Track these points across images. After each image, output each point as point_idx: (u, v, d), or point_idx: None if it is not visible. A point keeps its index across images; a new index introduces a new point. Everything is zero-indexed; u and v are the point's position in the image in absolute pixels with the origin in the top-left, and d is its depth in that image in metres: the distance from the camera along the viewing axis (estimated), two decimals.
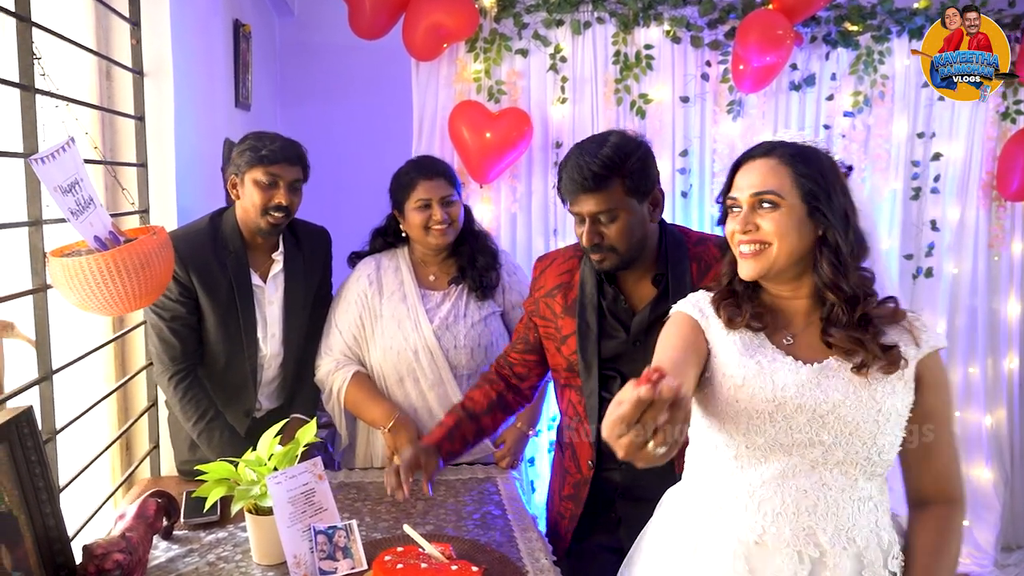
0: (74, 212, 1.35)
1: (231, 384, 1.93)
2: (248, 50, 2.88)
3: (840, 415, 1.16)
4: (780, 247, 1.19)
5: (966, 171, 3.01)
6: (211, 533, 1.62)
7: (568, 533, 1.72)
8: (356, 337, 2.00)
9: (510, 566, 1.50)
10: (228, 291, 1.87)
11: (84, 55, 1.80)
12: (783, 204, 1.18)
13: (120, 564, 1.24)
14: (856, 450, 1.17)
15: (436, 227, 1.93)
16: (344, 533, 1.51)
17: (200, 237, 1.86)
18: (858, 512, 1.19)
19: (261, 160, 1.82)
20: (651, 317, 1.58)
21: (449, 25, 2.61)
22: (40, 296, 1.39)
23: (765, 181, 1.20)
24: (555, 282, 1.70)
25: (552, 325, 1.69)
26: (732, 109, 2.87)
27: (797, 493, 1.18)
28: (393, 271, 2.02)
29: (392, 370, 1.97)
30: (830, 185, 1.19)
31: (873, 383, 1.17)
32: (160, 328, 1.84)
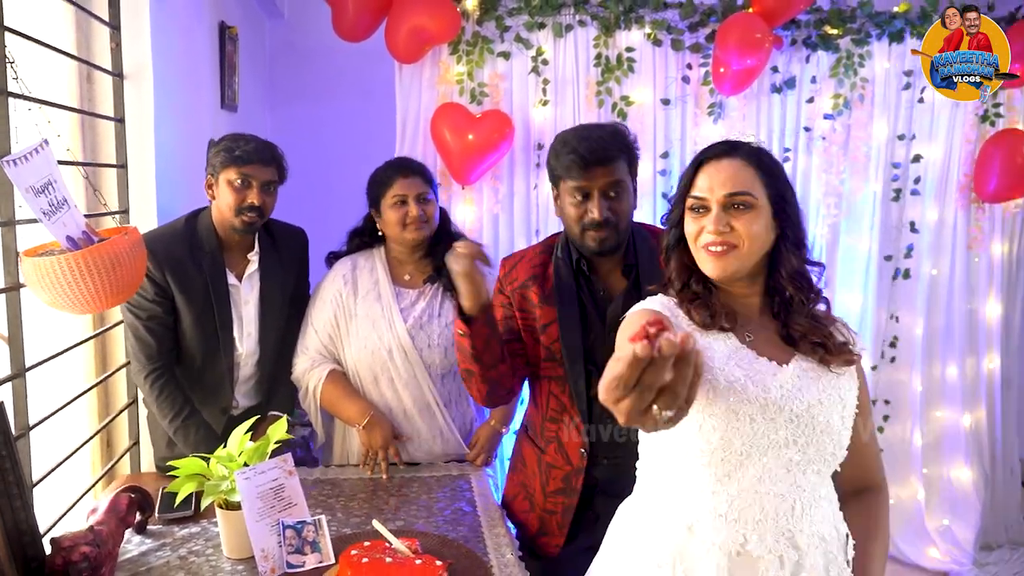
0: (46, 212, 1.38)
1: (208, 382, 1.96)
2: (235, 52, 2.91)
3: (814, 414, 1.17)
4: (750, 247, 1.20)
5: (945, 173, 3.03)
6: (184, 528, 1.65)
7: (563, 528, 1.71)
8: (331, 336, 2.02)
9: (476, 560, 1.53)
10: (204, 291, 1.89)
11: (64, 59, 1.83)
12: (756, 205, 1.19)
13: (87, 556, 1.27)
14: (825, 447, 1.18)
15: (412, 222, 1.96)
16: (313, 528, 1.54)
17: (175, 237, 1.89)
18: (825, 509, 1.22)
19: (235, 160, 1.84)
20: (624, 306, 1.57)
21: (431, 28, 2.64)
22: (12, 295, 1.42)
23: (737, 182, 1.19)
24: (528, 274, 1.71)
25: (530, 316, 1.69)
26: (713, 111, 2.90)
27: (775, 499, 1.17)
28: (368, 271, 2.04)
29: (367, 369, 2.00)
30: (786, 185, 1.24)
31: (837, 380, 1.21)
32: (136, 327, 1.87)
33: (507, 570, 1.51)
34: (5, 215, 1.40)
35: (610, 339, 1.59)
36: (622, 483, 1.57)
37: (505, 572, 1.50)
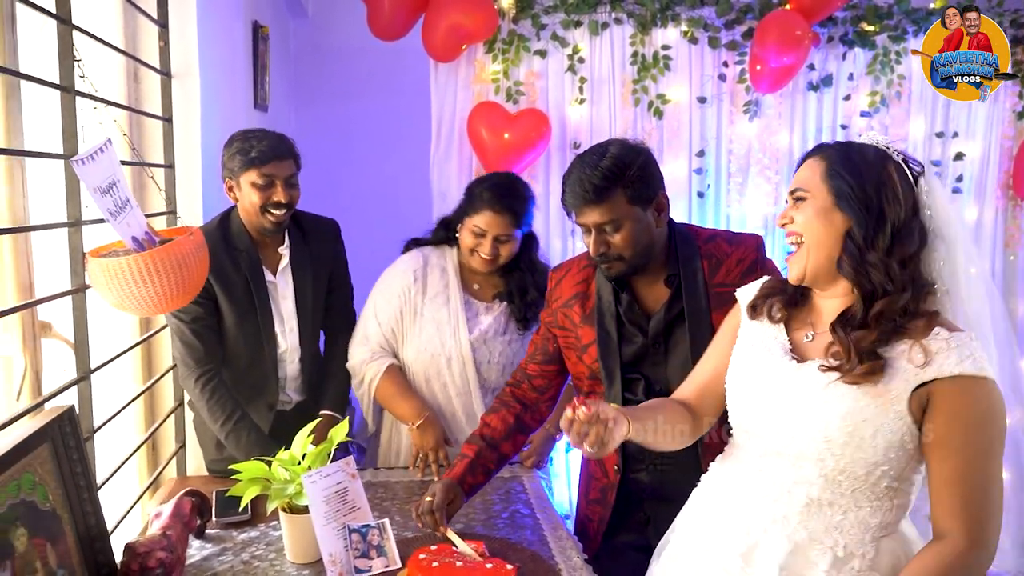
0: (112, 213, 1.36)
1: (253, 380, 1.94)
2: (266, 51, 2.90)
3: (800, 414, 1.19)
4: (809, 240, 1.21)
5: (983, 171, 3.01)
6: (243, 532, 1.63)
7: (597, 535, 1.72)
8: (394, 331, 2.01)
9: (543, 564, 1.51)
10: (244, 289, 1.89)
11: (112, 58, 1.81)
12: (809, 197, 1.21)
13: (163, 562, 1.25)
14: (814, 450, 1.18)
15: (481, 257, 1.93)
16: (377, 531, 1.52)
17: (212, 239, 1.85)
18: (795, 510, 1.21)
19: (253, 162, 1.82)
20: (667, 318, 1.60)
21: (468, 26, 2.62)
22: (79, 296, 1.40)
23: (800, 178, 1.24)
24: (571, 292, 1.70)
25: (572, 335, 1.68)
26: (749, 109, 2.88)
27: (763, 483, 1.26)
28: (440, 271, 2.01)
29: (421, 370, 1.98)
30: (864, 179, 1.17)
31: (841, 388, 1.15)
32: (182, 331, 1.85)
33: (576, 573, 1.48)
34: (72, 216, 1.38)
35: (654, 352, 1.62)
36: (673, 489, 1.58)
37: (574, 575, 1.47)
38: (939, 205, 1.19)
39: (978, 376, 1.09)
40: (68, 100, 1.34)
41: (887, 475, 1.15)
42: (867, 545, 1.17)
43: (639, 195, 1.52)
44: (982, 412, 1.11)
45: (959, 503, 1.10)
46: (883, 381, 1.13)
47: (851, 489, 1.17)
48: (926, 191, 1.19)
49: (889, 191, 1.17)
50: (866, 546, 1.17)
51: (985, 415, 1.11)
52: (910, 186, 1.18)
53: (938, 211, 1.19)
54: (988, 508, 1.10)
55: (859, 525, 1.17)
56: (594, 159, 1.52)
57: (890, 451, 1.13)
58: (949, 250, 1.18)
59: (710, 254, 1.61)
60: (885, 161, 1.19)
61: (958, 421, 1.10)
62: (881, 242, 1.16)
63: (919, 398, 1.12)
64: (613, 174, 1.49)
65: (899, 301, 1.14)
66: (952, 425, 1.10)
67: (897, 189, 1.17)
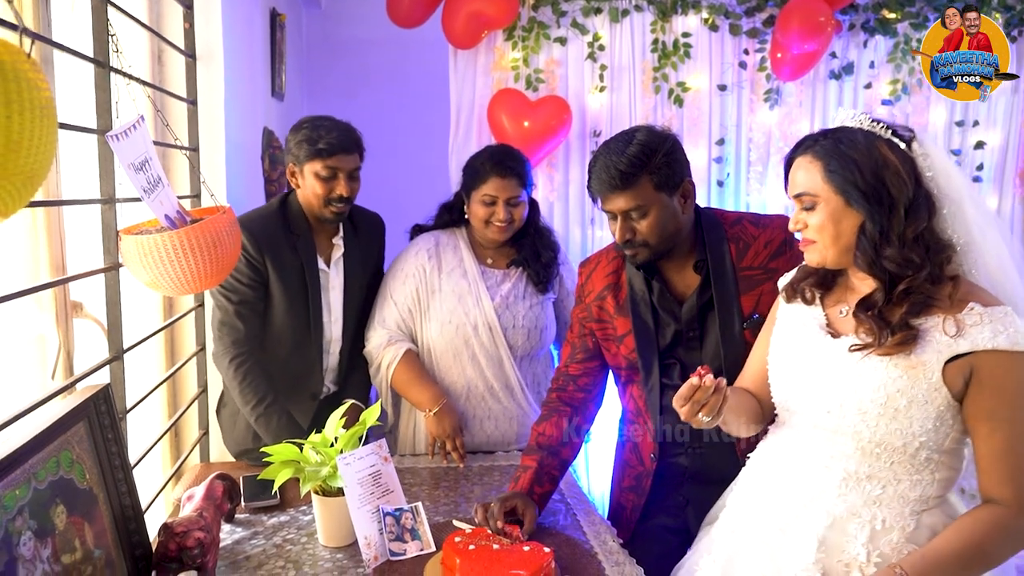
0: (146, 190, 1.34)
1: (297, 368, 1.92)
2: (283, 39, 2.88)
3: (835, 387, 1.20)
4: (823, 241, 1.23)
5: (1003, 160, 2.99)
6: (273, 516, 1.61)
7: (631, 522, 1.71)
8: (411, 310, 1.99)
9: (578, 548, 1.49)
10: (299, 275, 1.87)
11: (138, 39, 1.80)
12: (817, 201, 1.21)
13: (201, 542, 1.23)
14: (849, 423, 1.19)
15: (497, 224, 1.93)
16: (411, 515, 1.50)
17: (273, 220, 1.87)
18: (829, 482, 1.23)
19: (319, 153, 1.80)
20: (699, 303, 1.60)
21: (489, 13, 2.60)
22: (112, 275, 1.38)
23: (798, 182, 1.24)
24: (603, 284, 1.69)
25: (609, 326, 1.68)
26: (769, 97, 2.86)
27: (795, 456, 1.28)
28: (452, 249, 2.02)
29: (448, 345, 1.97)
30: (864, 170, 1.17)
31: (873, 360, 1.16)
32: (227, 311, 1.83)
33: (613, 556, 1.47)
34: (106, 193, 1.36)
35: (689, 338, 1.61)
36: (711, 472, 1.60)
37: (611, 559, 1.46)
38: (937, 164, 1.19)
39: (1017, 351, 1.10)
40: (102, 75, 1.33)
41: (926, 447, 1.16)
42: (907, 519, 1.18)
43: (665, 181, 1.50)
44: (1019, 383, 1.11)
45: (1009, 473, 1.11)
46: (916, 352, 1.14)
47: (889, 462, 1.18)
48: (921, 154, 1.19)
49: (891, 173, 1.17)
50: (906, 519, 1.18)
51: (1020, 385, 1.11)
52: (906, 157, 1.18)
53: (938, 170, 1.19)
54: None
55: (898, 499, 1.18)
56: (620, 146, 1.51)
57: (927, 422, 1.14)
58: (956, 206, 1.18)
59: (737, 237, 1.60)
60: (875, 142, 1.18)
61: (1003, 394, 1.11)
62: (896, 227, 1.17)
63: (959, 370, 1.12)
64: (639, 160, 1.48)
65: (919, 278, 1.15)
66: (997, 398, 1.11)
67: (898, 168, 1.17)
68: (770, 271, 1.56)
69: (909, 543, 1.16)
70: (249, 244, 1.77)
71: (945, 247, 1.17)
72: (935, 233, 1.17)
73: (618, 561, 1.45)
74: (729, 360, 1.56)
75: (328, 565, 1.42)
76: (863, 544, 1.17)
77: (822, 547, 1.18)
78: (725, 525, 1.40)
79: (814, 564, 1.17)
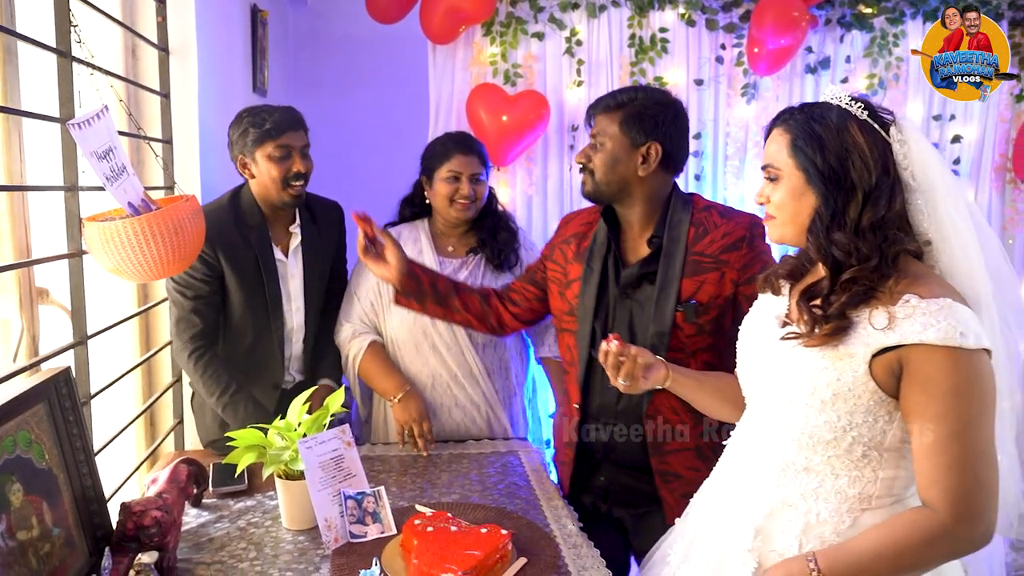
0: (109, 178, 1.37)
1: (259, 359, 1.94)
2: (265, 36, 2.90)
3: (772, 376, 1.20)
4: (781, 217, 1.21)
5: (979, 154, 3.01)
6: (239, 501, 1.64)
7: (567, 481, 1.78)
8: (373, 304, 2.03)
9: (538, 531, 1.51)
10: (254, 267, 1.88)
11: (111, 32, 1.82)
12: (780, 176, 1.19)
13: (158, 521, 1.26)
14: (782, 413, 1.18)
15: (461, 201, 1.98)
16: (373, 499, 1.52)
17: (223, 214, 1.87)
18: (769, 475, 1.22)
19: (268, 135, 1.82)
20: (639, 273, 1.64)
21: (466, 8, 2.63)
22: (76, 261, 1.41)
23: (768, 153, 1.22)
24: (574, 231, 1.77)
25: (560, 270, 1.76)
26: (746, 92, 2.88)
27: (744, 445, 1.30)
28: (412, 241, 2.06)
29: (408, 337, 2.00)
30: (828, 151, 1.13)
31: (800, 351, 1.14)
32: (183, 306, 1.85)
33: (571, 539, 1.49)
34: (69, 180, 1.38)
35: (620, 304, 1.66)
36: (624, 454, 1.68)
37: (569, 542, 1.48)
38: (915, 153, 1.13)
39: (949, 346, 1.02)
40: (64, 64, 1.35)
41: (859, 442, 1.11)
42: (843, 515, 1.13)
43: (631, 126, 1.58)
44: (959, 382, 1.03)
45: (940, 474, 1.04)
46: (844, 344, 1.10)
47: (826, 456, 1.14)
48: (899, 140, 1.13)
49: (855, 156, 1.12)
50: (842, 515, 1.13)
51: (963, 386, 1.03)
52: (881, 141, 1.13)
53: (914, 160, 1.13)
54: (975, 481, 1.03)
55: (836, 494, 1.14)
56: (632, 87, 1.69)
57: (855, 416, 1.10)
58: (928, 199, 1.13)
59: (700, 222, 1.63)
60: (847, 122, 1.14)
61: (932, 391, 1.04)
62: (852, 213, 1.12)
63: (886, 364, 1.07)
64: (622, 100, 1.60)
65: (867, 268, 1.11)
66: (927, 395, 1.05)
67: (864, 152, 1.12)
68: (720, 262, 1.59)
69: (840, 539, 1.12)
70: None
71: (901, 240, 1.12)
72: (895, 223, 1.12)
73: (575, 544, 1.48)
74: (654, 335, 1.59)
75: (289, 547, 1.45)
76: (795, 536, 1.15)
77: (758, 536, 1.18)
78: (692, 509, 1.42)
79: (750, 552, 1.17)
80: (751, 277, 1.54)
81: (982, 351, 1.05)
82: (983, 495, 1.03)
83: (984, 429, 1.04)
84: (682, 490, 1.59)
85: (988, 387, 1.05)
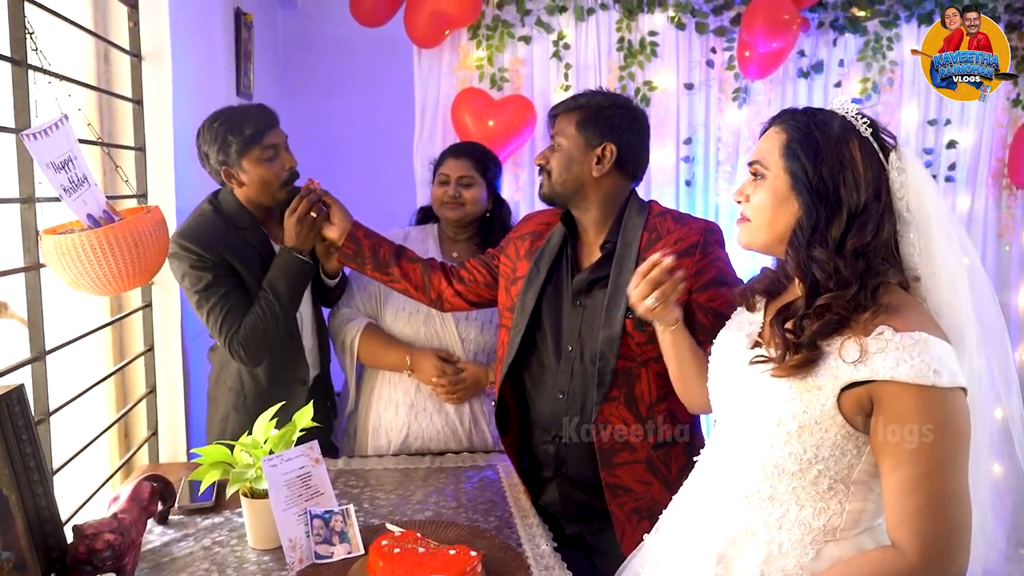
0: (67, 189, 1.34)
1: (281, 354, 1.89)
2: (250, 39, 2.86)
3: (739, 400, 1.17)
4: (756, 221, 1.15)
5: (976, 159, 2.96)
6: (207, 518, 1.60)
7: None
8: (372, 294, 2.04)
9: (510, 552, 1.47)
10: (260, 263, 1.83)
11: (83, 38, 1.79)
12: (767, 176, 1.13)
13: (111, 544, 1.22)
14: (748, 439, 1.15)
15: (446, 202, 2.00)
16: (341, 518, 1.48)
17: (212, 223, 1.81)
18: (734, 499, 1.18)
19: (253, 140, 1.76)
20: (589, 278, 1.63)
21: (451, 12, 2.59)
22: (33, 275, 1.37)
23: (760, 149, 1.17)
24: (531, 229, 1.76)
25: (511, 265, 1.75)
26: (738, 96, 2.84)
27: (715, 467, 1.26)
28: (420, 242, 2.08)
29: (401, 334, 2.00)
30: (821, 161, 1.07)
31: (767, 378, 1.10)
32: (224, 300, 1.76)
33: (543, 560, 1.45)
34: (25, 193, 1.35)
35: (572, 310, 1.64)
36: (575, 467, 1.66)
37: (541, 563, 1.44)
38: (911, 182, 1.09)
39: (922, 384, 0.98)
40: (19, 73, 1.32)
41: (825, 475, 1.07)
42: (807, 547, 1.09)
43: (587, 126, 1.57)
44: (931, 422, 0.99)
45: (909, 515, 0.99)
46: (813, 375, 1.05)
47: (791, 486, 1.10)
48: (897, 167, 1.08)
49: (849, 173, 1.07)
50: (806, 547, 1.09)
51: (936, 426, 0.98)
52: (877, 163, 1.08)
53: (910, 190, 1.09)
54: (945, 523, 0.99)
55: (800, 525, 1.10)
56: (590, 90, 1.67)
57: (821, 449, 1.05)
58: (921, 234, 1.08)
59: (653, 228, 1.61)
60: (848, 136, 1.08)
61: (903, 430, 1.00)
62: (834, 231, 1.07)
63: (855, 400, 1.03)
64: (580, 102, 1.61)
65: (845, 296, 1.05)
66: (897, 433, 1.00)
67: (859, 170, 1.07)
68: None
69: (804, 573, 1.08)
70: (205, 252, 1.73)
71: (884, 271, 1.07)
72: (880, 253, 1.07)
73: (547, 565, 1.44)
74: (603, 341, 1.57)
75: (253, 568, 1.41)
76: (757, 566, 1.10)
77: (720, 563, 1.14)
78: (661, 526, 1.37)
79: None
80: (704, 284, 1.51)
81: (957, 389, 1.00)
82: (954, 538, 0.99)
83: (957, 470, 1.00)
84: (631, 505, 1.57)
85: (962, 427, 1.00)
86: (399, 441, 1.99)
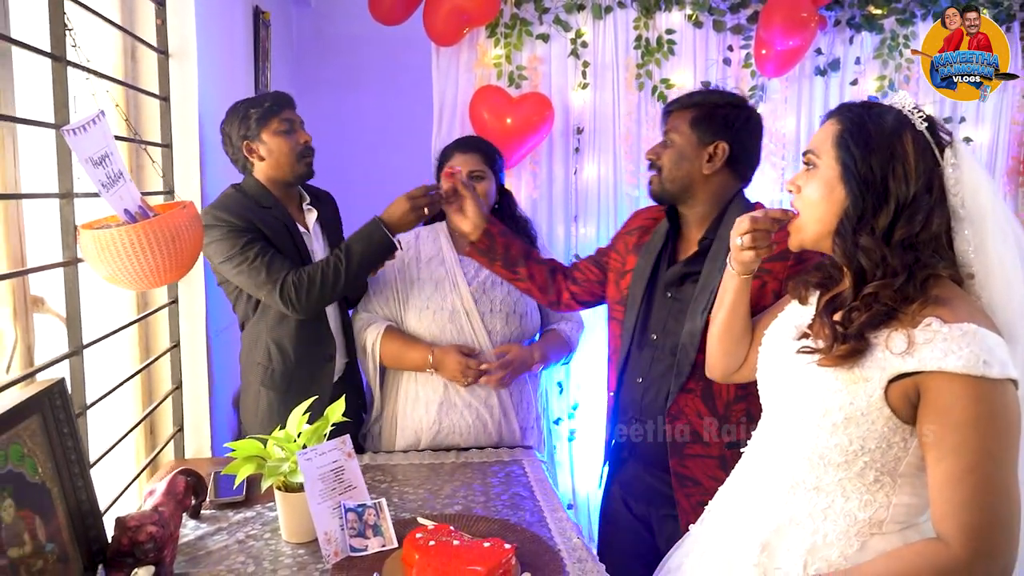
0: (104, 185, 1.34)
1: (309, 331, 1.94)
2: (268, 38, 2.88)
3: (787, 391, 1.18)
4: (806, 215, 1.16)
5: (992, 157, 2.96)
6: (239, 513, 1.61)
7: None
8: (390, 299, 2.05)
9: (542, 544, 1.48)
10: (288, 239, 1.91)
11: (110, 36, 1.80)
12: (819, 164, 1.14)
13: (154, 537, 1.23)
14: (794, 429, 1.15)
15: None
16: (374, 511, 1.50)
17: (240, 199, 1.90)
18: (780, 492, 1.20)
19: (271, 111, 1.88)
20: (682, 271, 1.65)
21: (470, 10, 2.59)
22: (71, 269, 1.38)
23: (815, 139, 1.19)
24: (640, 223, 1.82)
25: (620, 259, 1.80)
26: (754, 94, 2.84)
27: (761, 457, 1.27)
28: (432, 240, 2.08)
29: (426, 333, 2.00)
30: (872, 151, 1.08)
31: (815, 369, 1.10)
32: (266, 259, 1.82)
33: (576, 553, 1.46)
34: (64, 187, 1.36)
35: (664, 301, 1.67)
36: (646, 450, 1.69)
37: (574, 556, 1.45)
38: (966, 178, 1.08)
39: (971, 375, 0.97)
40: (59, 69, 1.32)
41: (871, 467, 1.07)
42: (852, 538, 1.09)
43: (700, 126, 1.60)
44: (979, 414, 0.98)
45: (955, 507, 0.99)
46: (860, 366, 1.06)
47: (837, 477, 1.10)
48: (952, 163, 1.08)
49: (899, 165, 1.07)
50: (850, 538, 1.09)
51: (983, 417, 0.98)
52: (931, 158, 1.08)
53: (965, 186, 1.08)
54: (992, 517, 0.98)
55: (845, 516, 1.10)
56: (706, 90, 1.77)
57: (868, 441, 1.06)
58: (976, 231, 1.07)
59: None
60: (902, 130, 1.08)
61: (949, 421, 0.99)
62: (881, 221, 1.08)
63: (903, 391, 1.03)
64: (696, 100, 1.64)
65: (893, 285, 1.06)
66: (944, 425, 1.00)
67: (909, 163, 1.07)
68: (763, 271, 1.53)
69: (847, 563, 1.08)
70: (238, 220, 1.82)
71: (934, 264, 1.07)
72: (930, 245, 1.08)
73: (580, 558, 1.44)
74: (685, 334, 1.60)
75: (288, 561, 1.42)
76: (800, 555, 1.11)
77: (764, 551, 1.15)
78: (707, 516, 1.39)
79: (755, 567, 1.14)
80: None
81: (1007, 381, 1.00)
82: (1001, 532, 0.98)
83: (1005, 464, 1.00)
84: (699, 498, 1.57)
85: (1012, 419, 1.00)
86: (430, 437, 1.99)
